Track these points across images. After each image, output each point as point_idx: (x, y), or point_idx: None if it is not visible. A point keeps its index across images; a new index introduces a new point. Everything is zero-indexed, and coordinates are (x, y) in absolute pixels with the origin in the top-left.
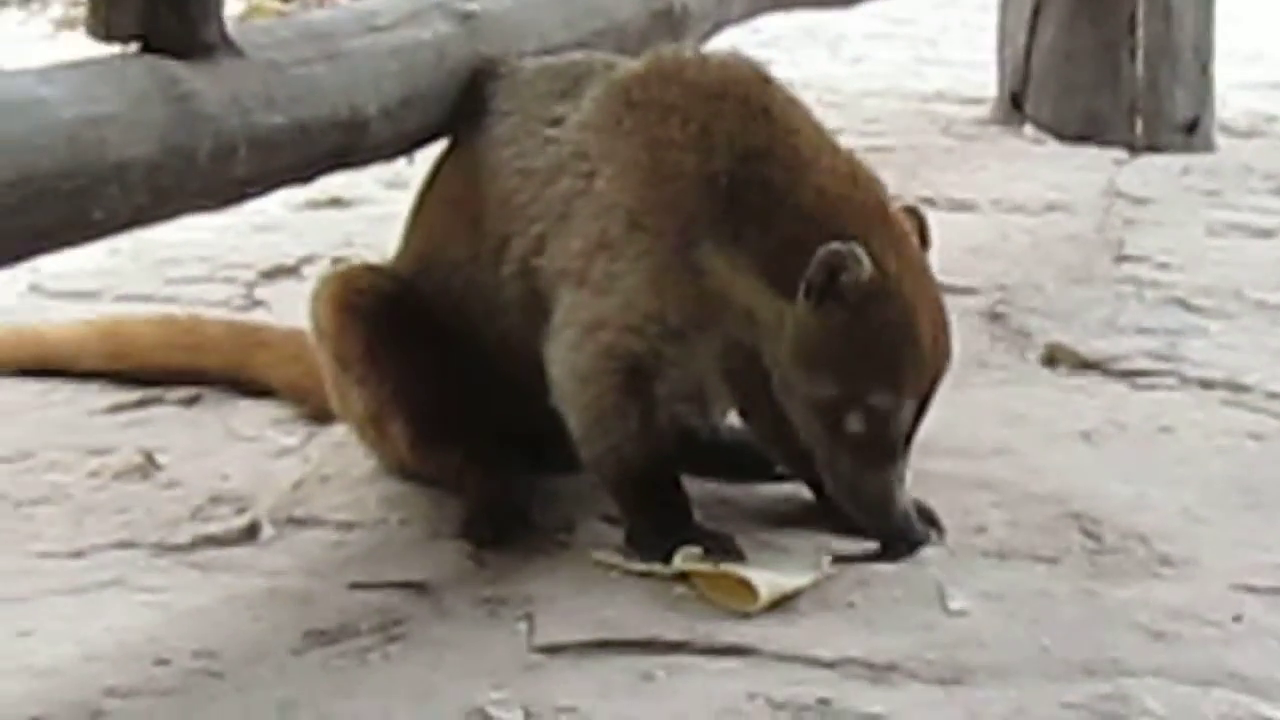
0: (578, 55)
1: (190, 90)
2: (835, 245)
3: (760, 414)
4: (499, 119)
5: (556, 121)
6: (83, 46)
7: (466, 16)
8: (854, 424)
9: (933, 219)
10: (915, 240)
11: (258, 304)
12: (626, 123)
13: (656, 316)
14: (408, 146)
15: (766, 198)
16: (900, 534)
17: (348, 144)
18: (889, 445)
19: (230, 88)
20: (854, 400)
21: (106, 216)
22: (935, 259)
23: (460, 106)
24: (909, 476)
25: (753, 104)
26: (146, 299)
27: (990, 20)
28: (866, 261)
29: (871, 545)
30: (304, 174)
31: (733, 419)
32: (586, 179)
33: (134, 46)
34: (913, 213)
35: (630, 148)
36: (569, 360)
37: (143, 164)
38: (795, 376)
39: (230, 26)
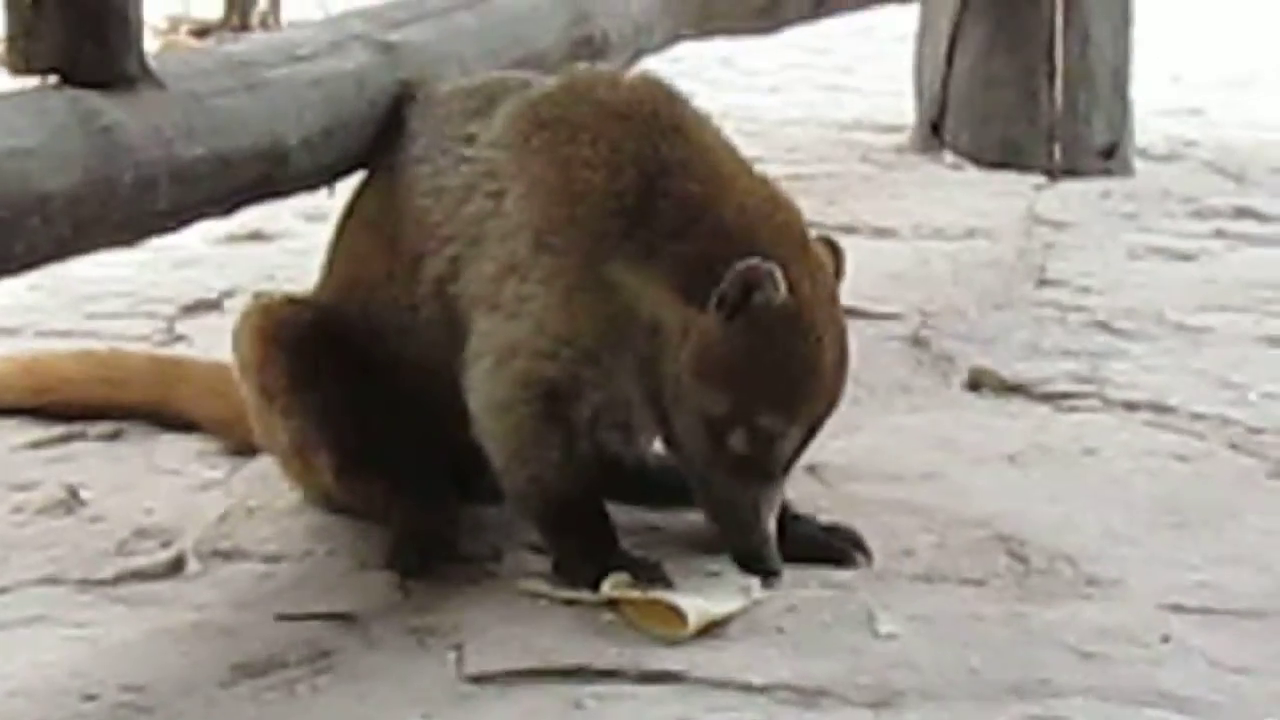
0: (494, 74)
1: (111, 122)
2: (755, 261)
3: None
4: (413, 139)
5: (469, 140)
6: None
7: (388, 47)
8: (738, 443)
9: (853, 246)
10: (830, 270)
11: (179, 339)
12: (535, 141)
13: (569, 339)
14: (329, 177)
15: (683, 211)
16: (757, 557)
17: (269, 175)
18: (769, 468)
19: (151, 119)
20: (744, 419)
21: (28, 250)
22: (855, 285)
23: (380, 135)
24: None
25: (664, 122)
26: (67, 334)
27: (906, 49)
28: (783, 284)
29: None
30: (226, 205)
31: (658, 446)
32: (496, 199)
33: (53, 79)
34: (829, 244)
35: (538, 166)
36: (485, 390)
37: (64, 196)
38: (691, 387)
39: (150, 58)
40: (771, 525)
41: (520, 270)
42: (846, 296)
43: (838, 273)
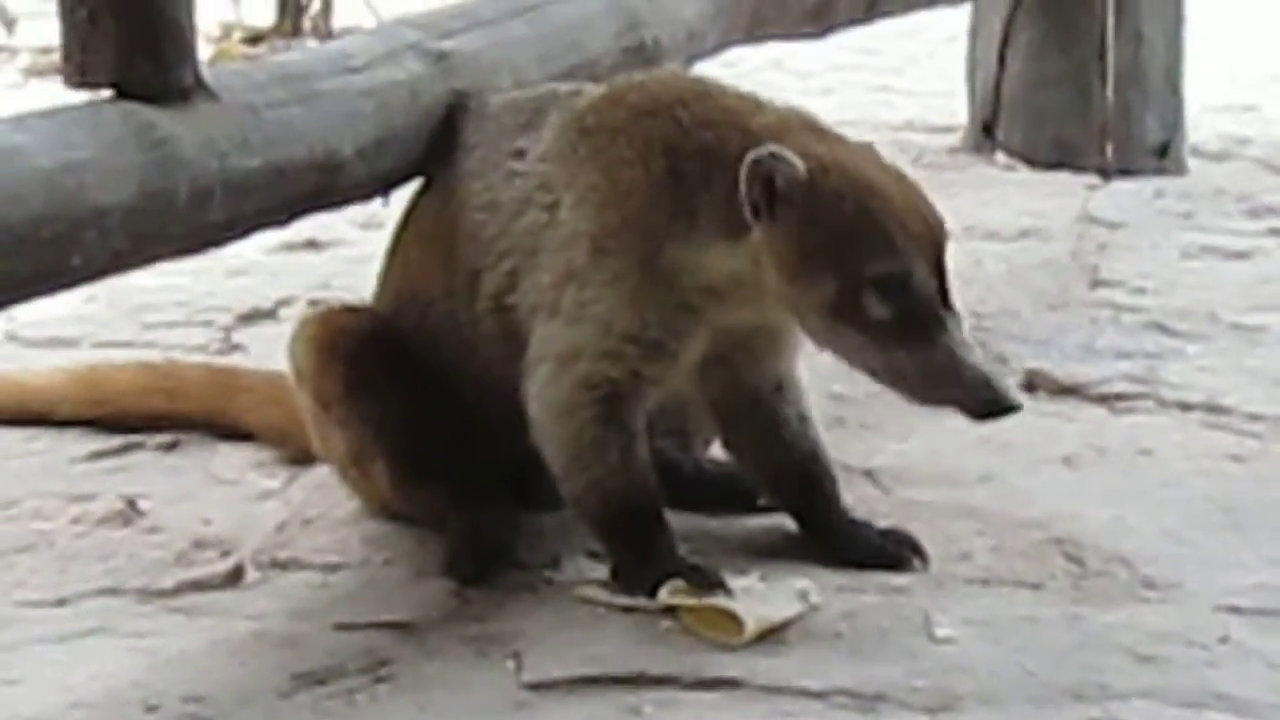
0: (544, 86)
1: (166, 135)
2: (754, 154)
3: (744, 441)
4: (467, 153)
5: (519, 154)
6: (53, 94)
7: (440, 56)
8: (875, 308)
9: None
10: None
11: (235, 348)
12: (581, 150)
13: (636, 335)
14: (383, 186)
15: (705, 162)
16: (987, 401)
17: (323, 185)
18: (926, 314)
19: (206, 132)
20: (858, 282)
21: (84, 263)
22: None
23: (434, 144)
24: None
25: (686, 98)
26: (124, 345)
27: (956, 50)
28: (792, 156)
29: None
30: (280, 216)
31: (715, 451)
32: (550, 210)
33: (108, 93)
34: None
35: (586, 173)
36: (546, 395)
37: (120, 210)
38: (798, 299)
39: (204, 70)
40: (981, 361)
41: (579, 277)
42: None
43: None
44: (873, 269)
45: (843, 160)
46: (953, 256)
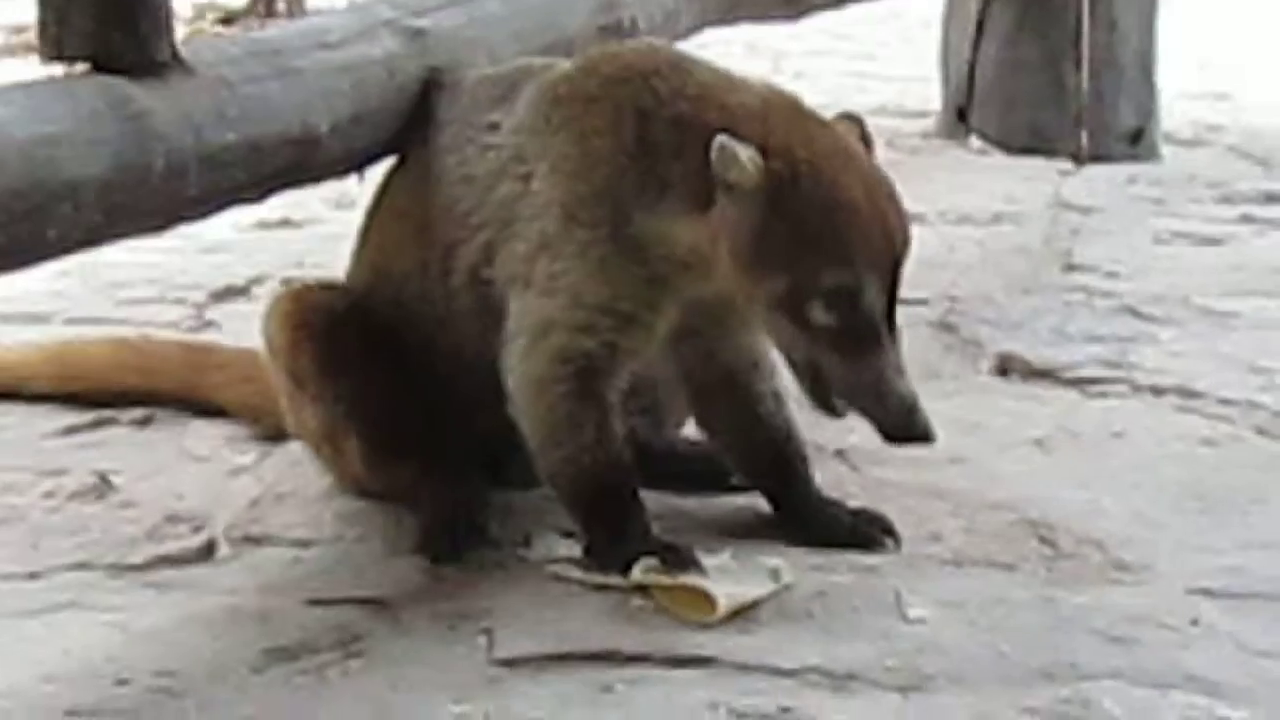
0: (519, 61)
1: (141, 109)
2: (722, 138)
3: (718, 418)
4: (441, 128)
5: (494, 127)
6: (25, 73)
7: (416, 33)
8: (819, 314)
9: None
10: (847, 137)
11: (209, 324)
12: (554, 120)
13: (606, 307)
14: (359, 163)
15: (677, 132)
16: (904, 426)
17: (299, 161)
18: (867, 330)
19: (182, 106)
20: (808, 288)
21: (60, 236)
22: None
23: (409, 120)
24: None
25: (660, 69)
26: (97, 321)
27: (930, 35)
28: (752, 156)
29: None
30: (256, 192)
31: (687, 431)
32: (524, 181)
33: (83, 67)
34: (850, 118)
35: (559, 143)
36: (521, 368)
37: (96, 183)
38: (748, 285)
39: (180, 45)
40: (909, 389)
41: (552, 247)
42: None
43: (865, 144)
44: (826, 279)
45: (817, 160)
46: (926, 241)
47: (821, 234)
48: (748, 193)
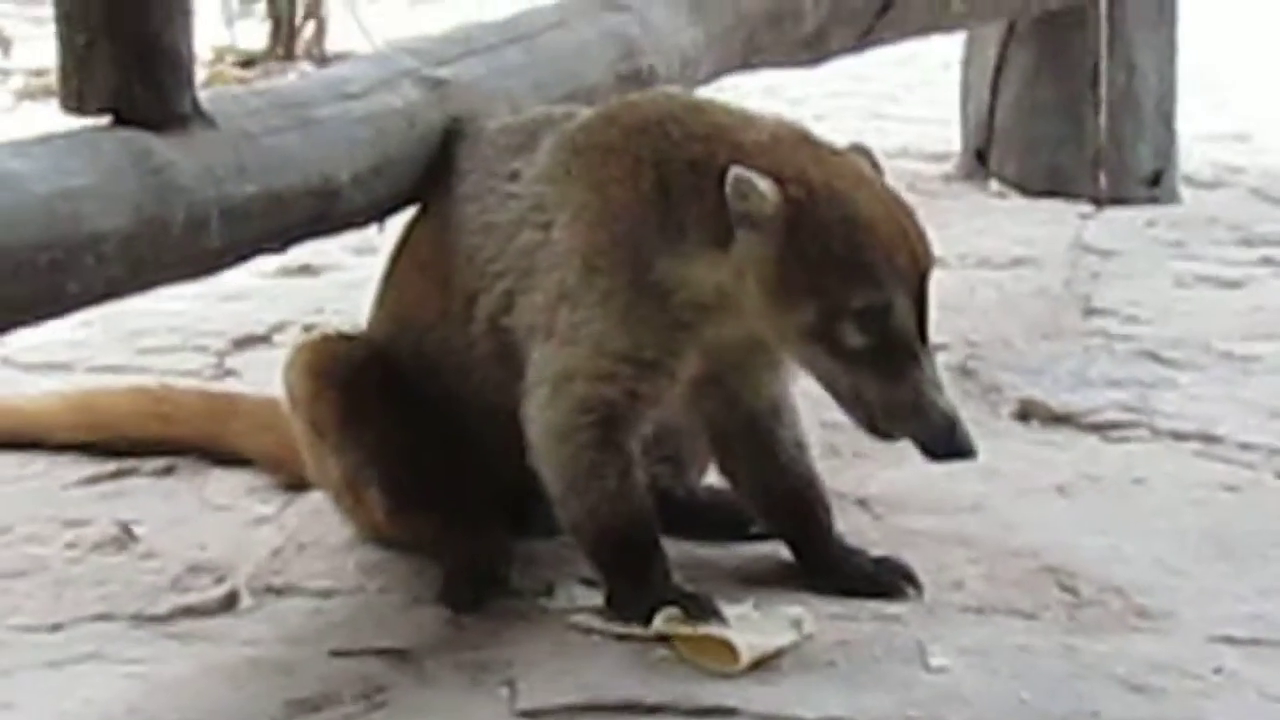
0: (538, 110)
1: (163, 162)
2: (736, 171)
3: (739, 465)
4: (462, 177)
5: (514, 176)
6: (44, 117)
7: (437, 83)
8: (852, 337)
9: None
10: (860, 165)
11: (230, 373)
12: (574, 169)
13: (629, 355)
14: (380, 213)
15: (694, 174)
16: (945, 442)
17: (320, 212)
18: (901, 347)
19: (203, 159)
20: (838, 311)
21: (82, 289)
22: None
23: (430, 170)
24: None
25: (676, 117)
26: (119, 370)
27: (950, 77)
28: (769, 185)
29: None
30: (277, 243)
31: (709, 479)
32: (544, 230)
33: (105, 119)
34: (858, 149)
35: (579, 192)
36: (543, 418)
37: (117, 236)
38: (776, 318)
39: (202, 96)
40: (948, 403)
41: (572, 296)
42: None
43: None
44: (855, 300)
45: (832, 183)
46: (945, 284)
47: (845, 255)
48: (766, 221)
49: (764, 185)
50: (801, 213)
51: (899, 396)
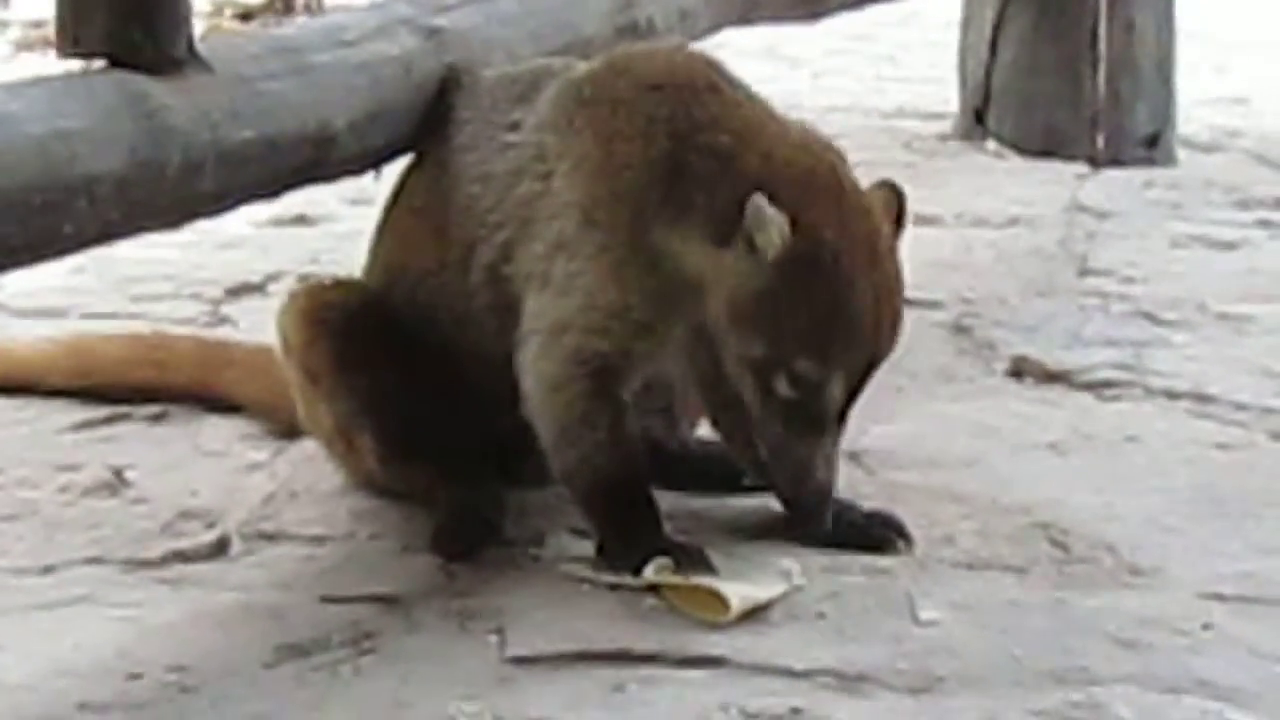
0: (537, 61)
1: (158, 105)
2: (760, 200)
3: (731, 421)
4: (460, 127)
5: (514, 126)
6: (43, 68)
7: (433, 31)
8: (783, 388)
9: None
10: (879, 217)
11: (224, 321)
12: (578, 120)
13: (619, 312)
14: (375, 161)
15: (712, 163)
16: (804, 509)
17: (316, 159)
18: (816, 416)
19: (198, 103)
20: (782, 363)
21: (76, 231)
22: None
23: (426, 119)
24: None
25: (698, 86)
26: (112, 317)
27: (949, 37)
28: (779, 222)
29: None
30: (272, 189)
31: (701, 431)
32: (544, 180)
33: (100, 62)
34: (890, 187)
35: (582, 144)
36: (537, 368)
37: (112, 179)
38: (729, 330)
39: (197, 41)
40: (827, 480)
41: (569, 248)
42: None
43: (898, 220)
44: (799, 363)
45: (837, 243)
46: (942, 242)
47: (810, 321)
48: (766, 256)
49: (778, 226)
50: (797, 264)
51: (793, 452)
